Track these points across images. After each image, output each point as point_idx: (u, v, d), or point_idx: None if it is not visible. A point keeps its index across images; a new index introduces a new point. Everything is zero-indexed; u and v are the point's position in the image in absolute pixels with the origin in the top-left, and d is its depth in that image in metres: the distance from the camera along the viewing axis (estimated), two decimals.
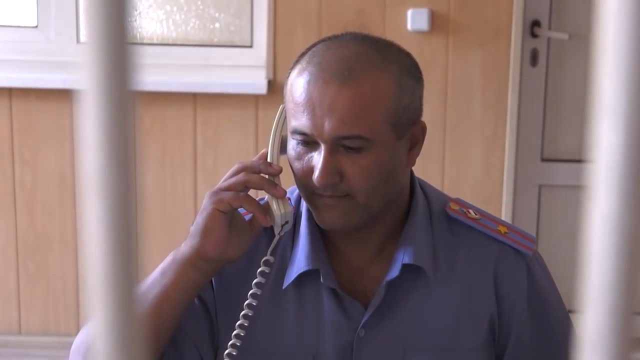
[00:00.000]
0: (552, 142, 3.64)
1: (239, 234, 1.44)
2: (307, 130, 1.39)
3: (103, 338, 0.46)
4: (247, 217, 1.47)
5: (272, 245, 1.46)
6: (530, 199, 3.66)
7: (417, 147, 1.47)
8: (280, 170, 1.46)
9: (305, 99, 1.39)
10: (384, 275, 1.47)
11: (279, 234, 1.45)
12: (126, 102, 0.43)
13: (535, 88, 3.58)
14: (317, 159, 1.40)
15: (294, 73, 1.44)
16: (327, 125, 1.38)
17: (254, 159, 1.48)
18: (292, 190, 1.55)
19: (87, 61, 0.43)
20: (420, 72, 1.47)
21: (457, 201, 1.55)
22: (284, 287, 1.49)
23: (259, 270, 1.46)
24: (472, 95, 3.44)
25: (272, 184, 1.45)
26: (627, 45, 0.41)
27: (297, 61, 1.45)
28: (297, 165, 1.43)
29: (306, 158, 1.42)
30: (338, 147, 1.39)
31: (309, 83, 1.40)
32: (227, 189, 1.43)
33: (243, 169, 1.45)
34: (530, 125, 3.61)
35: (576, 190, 3.62)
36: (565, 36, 3.51)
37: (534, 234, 3.70)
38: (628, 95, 0.42)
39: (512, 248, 1.52)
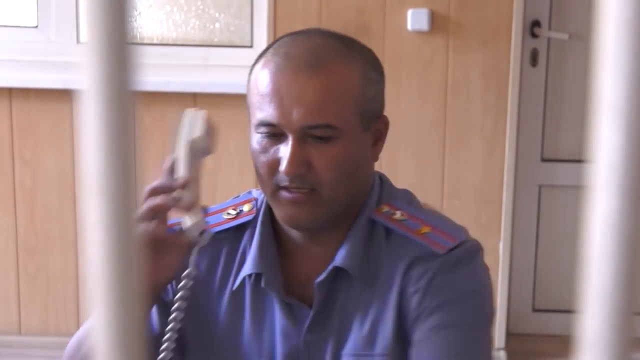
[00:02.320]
0: (552, 142, 3.64)
1: (167, 254, 1.38)
2: (274, 120, 1.38)
3: (103, 338, 0.46)
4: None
5: (191, 258, 1.41)
6: (530, 199, 3.66)
7: (380, 142, 1.48)
8: (188, 181, 1.39)
9: (273, 88, 1.38)
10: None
11: (197, 246, 1.39)
12: (126, 102, 0.43)
13: (535, 88, 3.58)
14: (284, 150, 1.39)
15: (258, 67, 1.43)
16: (296, 114, 1.37)
17: (160, 175, 1.43)
18: (260, 191, 1.53)
19: (87, 61, 0.43)
20: (382, 68, 1.48)
21: (391, 204, 1.49)
22: (233, 289, 1.49)
23: (180, 285, 1.41)
24: (472, 95, 3.44)
25: (175, 201, 1.37)
26: (627, 45, 0.41)
27: (260, 56, 1.45)
28: (261, 159, 1.41)
29: (272, 150, 1.40)
30: (306, 137, 1.38)
31: (275, 73, 1.39)
32: (140, 221, 1.37)
33: (147, 195, 1.39)
34: (530, 125, 3.61)
35: (576, 190, 3.62)
36: (565, 36, 3.51)
37: (534, 234, 3.70)
38: (628, 96, 0.42)
39: (425, 248, 1.45)
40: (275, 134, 1.39)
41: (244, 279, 1.48)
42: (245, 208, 1.53)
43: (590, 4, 3.38)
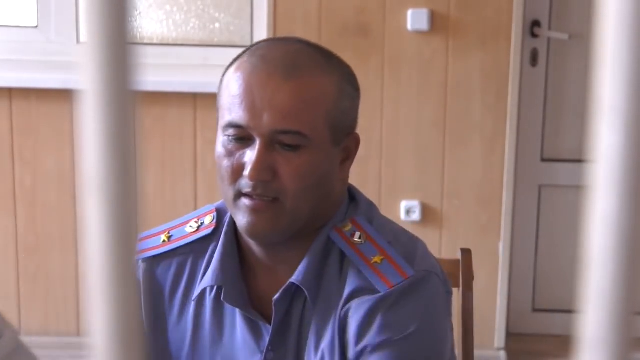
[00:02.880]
0: (552, 142, 3.64)
1: None
2: (243, 122, 1.34)
3: (103, 337, 0.46)
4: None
5: None
6: (530, 199, 3.66)
7: (349, 161, 1.44)
8: None
9: (245, 90, 1.35)
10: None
11: None
12: (126, 102, 0.43)
13: (535, 88, 3.58)
14: (250, 155, 1.35)
15: (232, 69, 1.39)
16: (266, 118, 1.34)
17: None
18: (219, 205, 1.51)
19: (87, 61, 0.43)
20: (359, 86, 1.44)
21: (355, 220, 1.44)
22: (192, 299, 1.47)
23: None
24: (472, 96, 3.44)
25: None
26: (627, 45, 0.41)
27: (235, 59, 1.41)
28: (226, 163, 1.37)
29: (237, 155, 1.36)
30: (274, 143, 1.35)
31: (249, 74, 1.35)
32: None
33: None
34: (530, 125, 3.61)
35: (576, 190, 3.62)
36: (565, 36, 3.51)
37: (534, 234, 3.70)
38: (628, 96, 0.42)
39: (368, 282, 1.39)
40: (242, 137, 1.35)
41: (204, 290, 1.46)
42: (206, 220, 1.50)
43: (590, 4, 3.39)
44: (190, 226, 1.51)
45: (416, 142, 3.45)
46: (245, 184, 1.35)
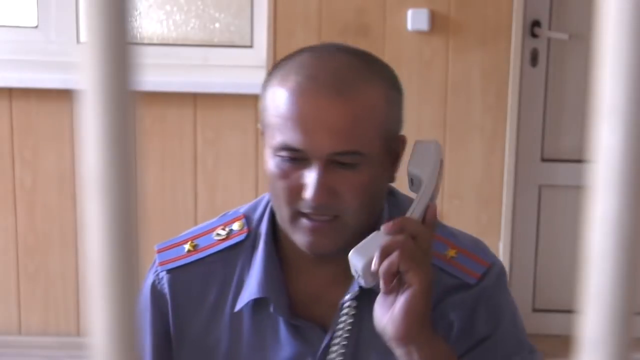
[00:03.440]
0: (552, 142, 3.64)
1: None
2: (299, 145, 1.31)
3: (102, 337, 0.46)
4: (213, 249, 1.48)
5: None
6: (530, 199, 3.66)
7: (397, 162, 1.43)
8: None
9: (296, 112, 1.32)
10: (341, 298, 1.41)
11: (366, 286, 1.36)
12: (126, 102, 0.43)
13: (535, 88, 3.58)
14: (308, 176, 1.32)
15: (275, 83, 1.36)
16: (323, 141, 1.31)
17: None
18: (252, 207, 1.50)
19: (87, 61, 0.43)
20: (401, 85, 1.43)
21: None
22: (235, 310, 1.44)
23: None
24: (472, 95, 3.44)
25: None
26: (627, 45, 0.41)
27: (275, 70, 1.38)
28: (282, 184, 1.34)
29: (294, 176, 1.33)
30: (331, 163, 1.32)
31: (299, 95, 1.32)
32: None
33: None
34: (530, 125, 3.61)
35: (576, 190, 3.62)
36: (565, 36, 3.51)
37: (534, 234, 3.70)
38: (628, 96, 0.42)
39: (456, 279, 1.41)
40: (297, 158, 1.33)
41: (237, 300, 1.44)
42: (236, 227, 1.48)
43: (590, 4, 3.38)
44: (218, 234, 1.48)
45: None
46: (306, 205, 1.33)
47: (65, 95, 3.41)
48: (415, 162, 1.39)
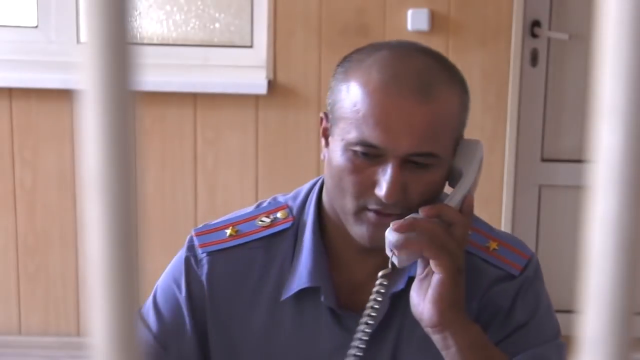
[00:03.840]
0: (552, 142, 3.64)
1: None
2: (378, 143, 1.33)
3: (102, 337, 0.46)
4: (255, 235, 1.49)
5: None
6: (530, 199, 3.66)
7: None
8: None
9: (380, 110, 1.33)
10: (387, 288, 1.42)
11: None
12: (126, 102, 0.43)
13: (535, 88, 3.58)
14: (382, 173, 1.34)
15: (354, 78, 1.37)
16: (404, 141, 1.33)
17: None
18: (292, 197, 1.52)
19: (87, 61, 0.43)
20: (468, 87, 1.47)
21: None
22: (282, 299, 1.46)
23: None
24: (472, 95, 3.41)
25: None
26: (627, 45, 0.41)
27: (352, 63, 1.39)
28: (352, 178, 1.36)
29: (367, 172, 1.35)
30: (406, 162, 1.34)
31: (383, 94, 1.34)
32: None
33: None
34: (530, 125, 3.61)
35: (576, 190, 3.62)
36: (565, 36, 3.51)
37: (534, 234, 3.70)
38: (628, 96, 0.42)
39: (501, 270, 1.46)
40: (372, 154, 1.35)
41: (277, 287, 1.46)
42: (280, 215, 1.50)
43: (590, 4, 3.38)
44: (262, 220, 1.50)
45: None
46: (375, 201, 1.35)
47: (65, 95, 3.42)
48: (459, 158, 1.43)
